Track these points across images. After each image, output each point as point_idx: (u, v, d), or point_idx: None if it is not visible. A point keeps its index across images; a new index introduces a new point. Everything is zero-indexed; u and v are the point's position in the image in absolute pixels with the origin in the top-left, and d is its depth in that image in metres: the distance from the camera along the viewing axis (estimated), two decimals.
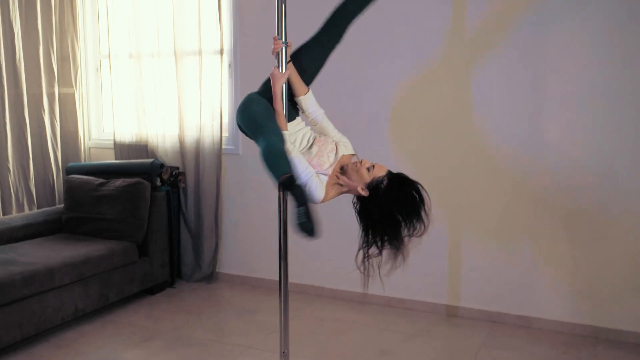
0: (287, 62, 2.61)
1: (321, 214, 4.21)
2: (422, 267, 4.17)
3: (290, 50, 2.65)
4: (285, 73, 2.58)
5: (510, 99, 3.83)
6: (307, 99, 2.69)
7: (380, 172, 2.44)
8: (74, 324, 3.95)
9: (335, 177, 2.50)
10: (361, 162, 2.47)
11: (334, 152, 2.56)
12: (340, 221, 4.39)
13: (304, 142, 2.58)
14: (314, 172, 2.43)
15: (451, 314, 4.11)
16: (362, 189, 2.44)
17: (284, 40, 2.58)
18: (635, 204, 3.60)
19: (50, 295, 3.67)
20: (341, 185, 2.50)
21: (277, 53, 2.59)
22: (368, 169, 2.44)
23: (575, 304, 3.78)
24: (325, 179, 2.49)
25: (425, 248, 4.12)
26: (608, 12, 3.54)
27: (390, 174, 2.45)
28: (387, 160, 4.12)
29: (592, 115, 3.63)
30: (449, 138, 4.01)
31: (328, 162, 2.52)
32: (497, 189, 3.92)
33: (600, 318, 3.73)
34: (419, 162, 4.10)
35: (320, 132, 2.69)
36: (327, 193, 2.46)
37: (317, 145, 2.56)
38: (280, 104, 2.56)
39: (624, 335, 3.67)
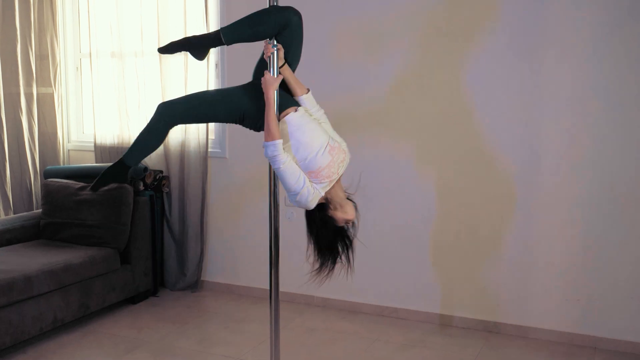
0: (280, 66, 2.52)
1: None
2: (415, 275, 4.09)
3: (282, 53, 2.54)
4: (278, 77, 2.49)
5: (508, 102, 3.76)
6: (308, 100, 2.58)
7: (351, 215, 2.53)
8: (53, 335, 3.81)
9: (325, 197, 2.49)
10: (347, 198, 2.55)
11: (344, 163, 2.48)
12: None
13: (322, 148, 2.43)
14: (306, 184, 2.39)
15: (445, 323, 4.02)
16: (346, 221, 2.54)
17: (274, 43, 2.50)
18: (634, 211, 3.54)
19: (28, 304, 3.52)
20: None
21: (269, 57, 2.49)
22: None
23: (573, 313, 3.72)
24: (320, 186, 2.43)
25: (418, 256, 4.07)
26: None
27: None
28: (382, 162, 4.08)
29: (595, 120, 3.57)
30: (444, 142, 3.93)
31: (337, 174, 2.46)
32: (492, 195, 3.84)
33: (598, 328, 3.67)
34: (414, 167, 4.02)
35: None
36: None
37: (331, 154, 2.43)
38: (273, 111, 2.45)
39: (622, 345, 3.61)
